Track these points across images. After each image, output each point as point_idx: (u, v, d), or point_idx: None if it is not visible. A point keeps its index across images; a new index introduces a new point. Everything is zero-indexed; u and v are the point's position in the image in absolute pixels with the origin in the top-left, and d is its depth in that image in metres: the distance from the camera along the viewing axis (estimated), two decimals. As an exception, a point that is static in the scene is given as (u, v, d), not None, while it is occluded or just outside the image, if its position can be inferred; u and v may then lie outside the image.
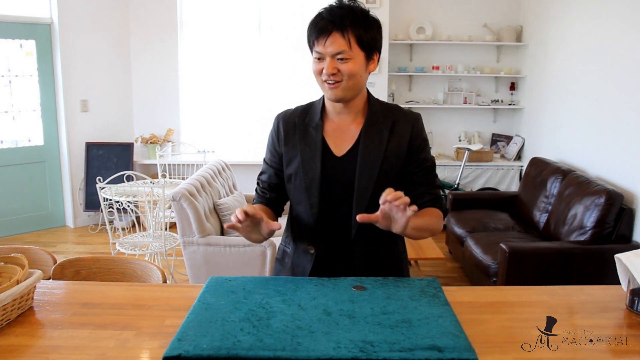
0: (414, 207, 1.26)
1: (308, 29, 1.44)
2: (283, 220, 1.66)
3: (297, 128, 1.54)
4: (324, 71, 1.41)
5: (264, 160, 1.64)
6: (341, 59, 1.39)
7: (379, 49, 1.47)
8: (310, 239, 1.54)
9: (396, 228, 1.31)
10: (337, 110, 1.52)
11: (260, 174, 1.65)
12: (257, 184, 1.66)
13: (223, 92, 5.52)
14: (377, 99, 1.57)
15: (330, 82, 1.42)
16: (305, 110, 1.57)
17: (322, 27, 1.39)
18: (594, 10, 3.98)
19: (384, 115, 1.52)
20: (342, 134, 1.52)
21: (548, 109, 4.75)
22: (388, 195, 1.24)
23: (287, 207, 1.67)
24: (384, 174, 1.49)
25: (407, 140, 1.51)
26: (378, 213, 1.30)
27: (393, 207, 1.26)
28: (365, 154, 1.48)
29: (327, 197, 1.50)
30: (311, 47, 1.45)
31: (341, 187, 1.49)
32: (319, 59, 1.42)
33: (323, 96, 1.55)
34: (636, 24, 3.41)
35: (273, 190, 1.61)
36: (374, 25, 1.44)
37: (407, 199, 1.24)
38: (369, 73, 1.49)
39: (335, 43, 1.38)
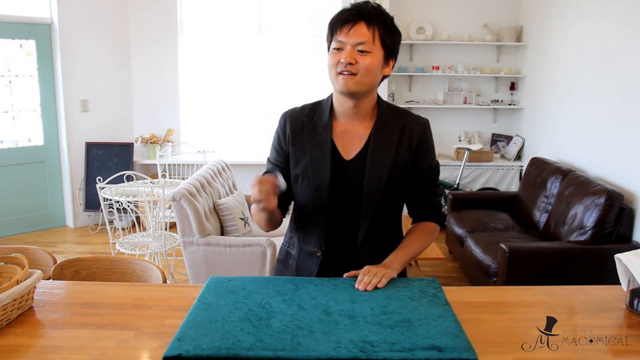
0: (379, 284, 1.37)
1: (332, 20, 1.43)
2: (286, 221, 1.65)
3: (305, 127, 1.51)
4: (342, 60, 1.38)
5: (268, 159, 1.60)
6: (362, 51, 1.38)
7: (396, 56, 1.48)
8: (316, 241, 1.52)
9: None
10: (346, 112, 1.49)
11: (264, 173, 1.60)
12: None
13: (223, 92, 5.51)
14: (387, 102, 1.55)
15: (345, 72, 1.38)
16: (313, 109, 1.54)
17: (348, 16, 1.39)
18: (594, 10, 3.97)
19: (393, 119, 1.50)
20: (350, 137, 1.50)
21: (548, 109, 4.75)
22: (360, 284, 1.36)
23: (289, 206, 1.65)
24: (393, 179, 1.47)
25: (415, 146, 1.49)
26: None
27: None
28: (374, 159, 1.46)
29: (336, 201, 1.48)
30: (330, 39, 1.43)
31: (349, 191, 1.48)
32: (338, 49, 1.39)
33: (331, 96, 1.52)
34: (636, 24, 3.41)
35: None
36: (397, 33, 1.46)
37: (374, 284, 1.36)
38: (383, 76, 1.47)
39: (359, 33, 1.37)
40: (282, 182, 1.37)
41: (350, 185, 1.47)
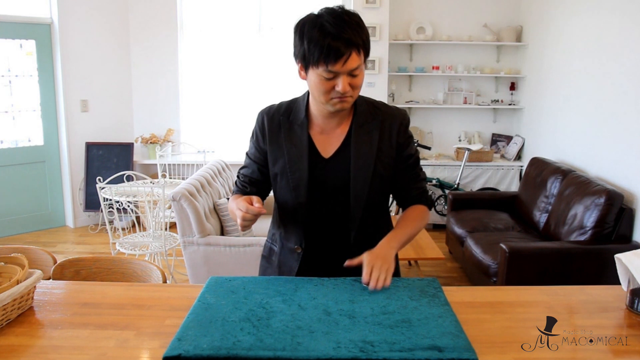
0: (387, 283, 1.35)
1: (312, 46, 1.32)
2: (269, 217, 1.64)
3: (281, 126, 1.51)
4: (338, 89, 1.34)
5: (247, 154, 1.61)
6: (353, 75, 1.35)
7: None
8: (297, 238, 1.53)
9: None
10: (325, 115, 1.48)
11: (242, 167, 1.63)
12: (237, 176, 1.64)
13: (223, 92, 5.52)
14: (363, 97, 1.53)
15: (341, 98, 1.37)
16: (289, 108, 1.54)
17: (337, 48, 1.29)
18: (594, 11, 3.97)
19: (371, 115, 1.50)
20: (328, 135, 1.50)
21: (548, 109, 4.75)
22: (366, 277, 1.35)
23: (272, 202, 1.64)
24: (378, 176, 1.48)
25: (395, 139, 1.50)
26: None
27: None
28: (357, 157, 1.47)
29: (315, 199, 1.49)
30: (315, 64, 1.34)
31: (330, 189, 1.49)
32: (329, 78, 1.34)
33: (307, 93, 1.52)
34: (636, 24, 3.41)
35: (253, 185, 1.59)
36: (367, 30, 1.38)
37: (384, 283, 1.35)
38: None
39: (352, 61, 1.32)
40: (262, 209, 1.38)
41: (330, 183, 1.48)
